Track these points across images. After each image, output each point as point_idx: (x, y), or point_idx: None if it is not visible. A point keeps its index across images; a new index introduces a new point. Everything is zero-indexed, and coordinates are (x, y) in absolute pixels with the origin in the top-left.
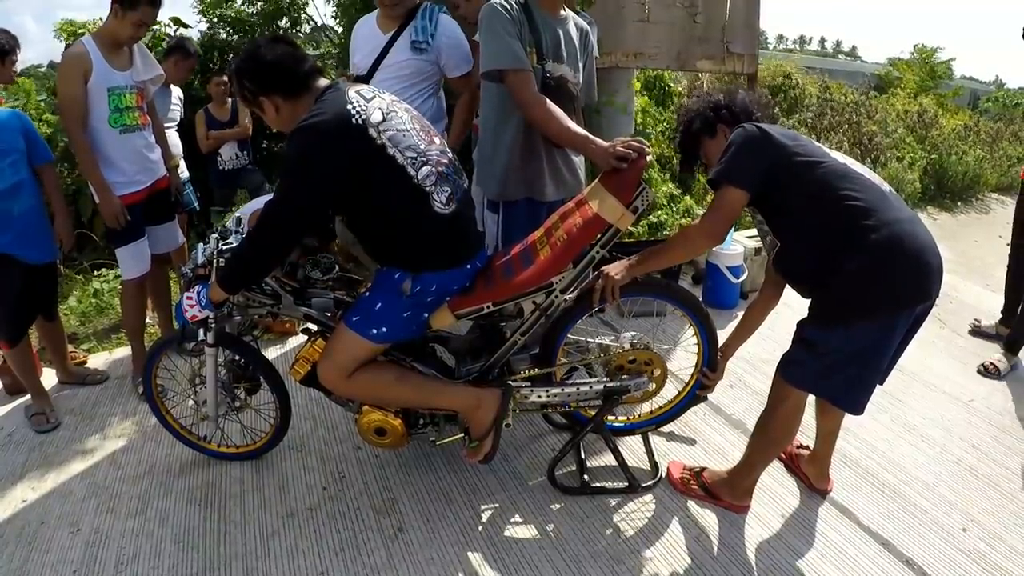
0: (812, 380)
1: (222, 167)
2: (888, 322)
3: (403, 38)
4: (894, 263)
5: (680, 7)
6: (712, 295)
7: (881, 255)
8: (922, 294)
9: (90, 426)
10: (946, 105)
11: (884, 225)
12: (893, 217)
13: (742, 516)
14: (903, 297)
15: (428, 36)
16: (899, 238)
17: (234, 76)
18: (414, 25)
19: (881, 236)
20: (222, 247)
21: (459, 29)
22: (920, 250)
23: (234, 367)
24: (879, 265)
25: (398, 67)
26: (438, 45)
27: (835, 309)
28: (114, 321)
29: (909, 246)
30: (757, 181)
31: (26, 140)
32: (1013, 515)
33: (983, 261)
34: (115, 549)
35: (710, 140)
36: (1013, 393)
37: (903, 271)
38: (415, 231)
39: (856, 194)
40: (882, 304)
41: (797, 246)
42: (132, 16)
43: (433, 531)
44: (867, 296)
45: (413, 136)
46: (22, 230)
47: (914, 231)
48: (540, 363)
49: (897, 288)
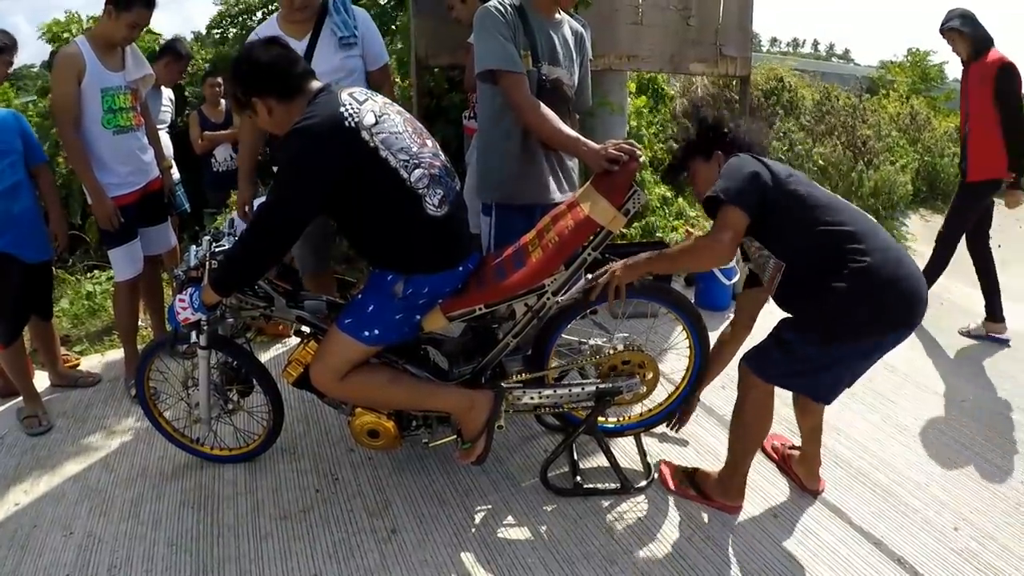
0: (779, 376)
1: (216, 169)
2: (870, 345)
3: (326, 39)
4: (884, 289)
5: (673, 10)
6: (704, 297)
7: (872, 280)
8: (908, 321)
9: (83, 429)
10: (938, 108)
11: (876, 251)
12: (883, 245)
13: (735, 516)
14: (890, 323)
15: (353, 29)
16: (890, 265)
17: (228, 78)
18: (332, 22)
19: (874, 261)
20: (215, 249)
21: (370, 18)
22: (908, 278)
23: (227, 369)
24: (870, 289)
25: (332, 72)
26: (362, 36)
27: (821, 324)
28: (106, 323)
29: (899, 273)
30: (756, 204)
31: (23, 141)
32: (1004, 514)
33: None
34: (108, 552)
35: (704, 161)
36: (1004, 393)
37: (893, 298)
38: (407, 233)
39: (848, 224)
40: (868, 328)
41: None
42: (126, 17)
43: (426, 533)
44: (855, 318)
45: (406, 139)
46: (21, 229)
47: (903, 259)
48: (532, 365)
49: (885, 314)
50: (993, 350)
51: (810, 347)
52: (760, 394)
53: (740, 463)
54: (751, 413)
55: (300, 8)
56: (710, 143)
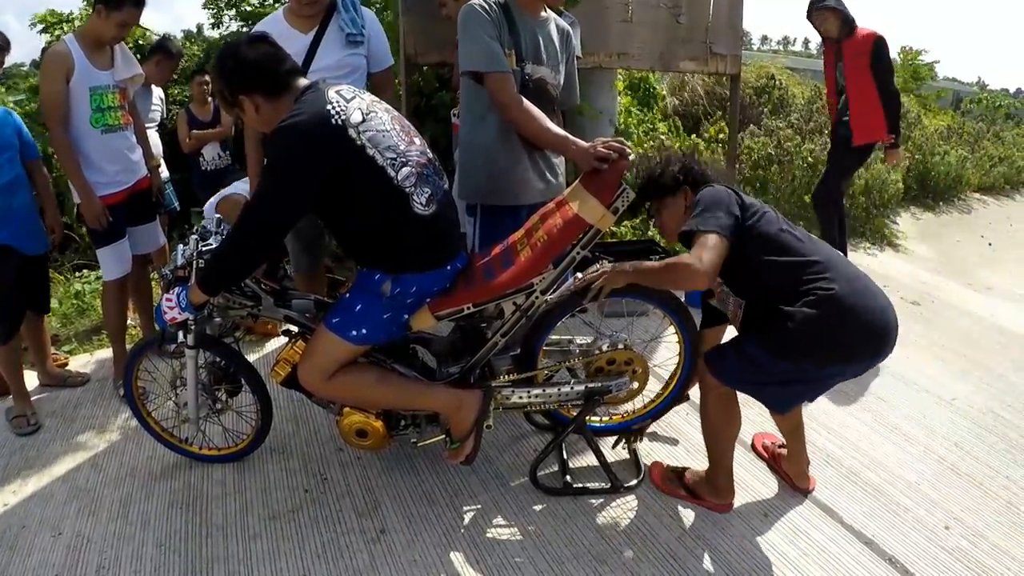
0: (737, 382)
1: (205, 167)
2: (835, 370)
3: (332, 34)
4: (849, 319)
5: (663, 8)
6: (693, 295)
7: (838, 307)
8: (875, 353)
9: (71, 428)
10: (929, 106)
11: (842, 280)
12: (851, 275)
13: (725, 515)
14: (856, 354)
15: (360, 28)
16: (856, 295)
17: (214, 75)
18: (341, 18)
19: (840, 289)
20: (202, 248)
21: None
22: (875, 310)
23: (215, 369)
24: (835, 317)
25: (336, 67)
26: (368, 36)
27: (784, 343)
28: (95, 323)
29: (866, 304)
30: (732, 232)
31: (18, 137)
32: (995, 513)
33: (965, 261)
34: (97, 553)
35: (671, 197)
36: (995, 392)
37: (858, 328)
38: (395, 232)
39: (812, 254)
40: (832, 355)
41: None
42: (116, 16)
43: (416, 533)
44: (818, 343)
45: (393, 136)
46: (20, 222)
47: (870, 290)
48: (521, 364)
49: (852, 345)
50: (984, 349)
51: (770, 362)
52: (720, 395)
53: (719, 461)
54: (715, 413)
55: (309, 3)
56: (677, 181)
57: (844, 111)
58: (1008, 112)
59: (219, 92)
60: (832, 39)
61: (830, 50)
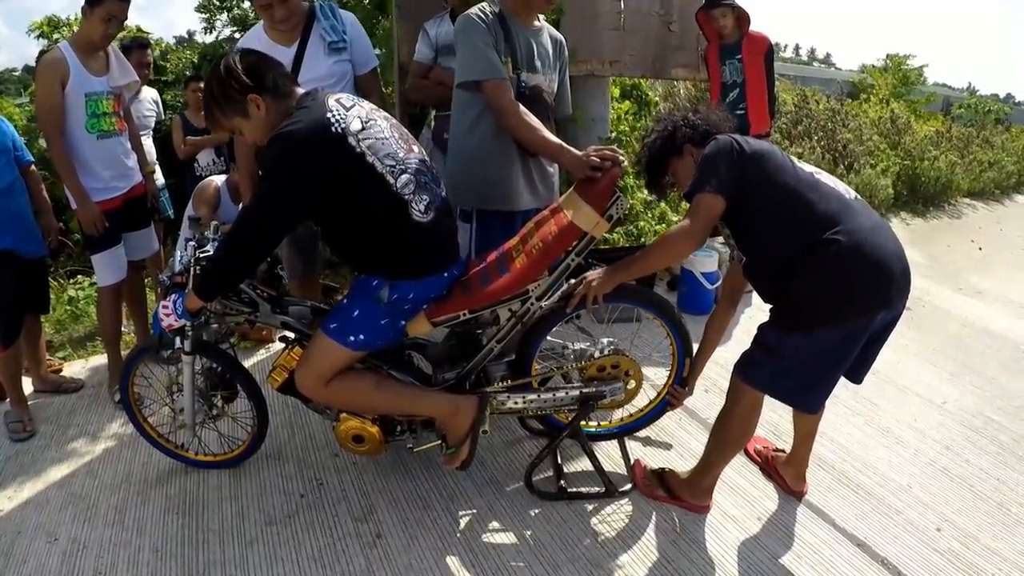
0: (767, 381)
1: (200, 174)
2: (847, 330)
3: (315, 45)
4: (851, 272)
5: (655, 16)
6: (687, 301)
7: (839, 264)
8: (882, 302)
9: (66, 435)
10: (919, 111)
11: (845, 234)
12: (856, 226)
13: (719, 519)
14: (862, 306)
15: (342, 34)
16: (858, 247)
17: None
18: (321, 27)
19: (841, 246)
20: (199, 255)
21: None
22: (881, 259)
23: (211, 375)
24: (837, 274)
25: (324, 78)
26: (350, 40)
27: (794, 315)
28: (90, 329)
29: (869, 255)
30: (732, 188)
31: (12, 142)
32: (986, 514)
33: (955, 265)
34: (93, 559)
35: (678, 160)
36: (986, 395)
37: (862, 280)
38: (393, 239)
39: (820, 204)
40: (840, 312)
41: (762, 255)
42: (98, 12)
43: (411, 537)
44: (825, 304)
45: (392, 144)
46: (21, 226)
47: (876, 240)
48: (516, 370)
49: (855, 297)
50: (974, 353)
51: (792, 342)
52: (747, 406)
53: (715, 466)
54: (736, 424)
55: (282, 21)
56: (676, 143)
57: (737, 104)
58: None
59: (213, 104)
60: (727, 36)
61: (715, 47)
